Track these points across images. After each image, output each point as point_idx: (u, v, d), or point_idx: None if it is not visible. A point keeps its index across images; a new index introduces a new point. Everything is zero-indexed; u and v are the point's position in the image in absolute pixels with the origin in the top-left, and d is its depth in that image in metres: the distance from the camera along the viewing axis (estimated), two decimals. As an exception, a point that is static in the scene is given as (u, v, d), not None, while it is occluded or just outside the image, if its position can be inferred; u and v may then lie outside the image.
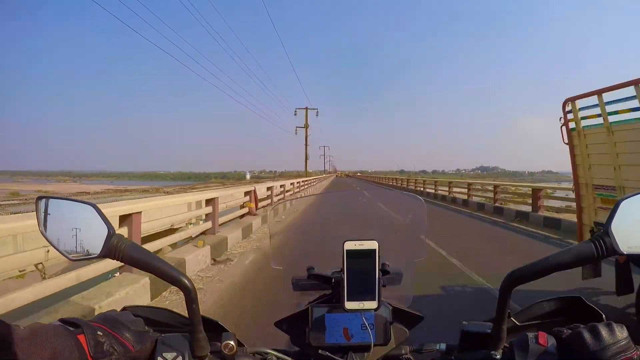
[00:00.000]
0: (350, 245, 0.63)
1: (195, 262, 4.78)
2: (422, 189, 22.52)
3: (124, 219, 3.78)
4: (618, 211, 0.49)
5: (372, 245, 0.64)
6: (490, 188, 13.83)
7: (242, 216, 8.42)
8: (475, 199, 15.07)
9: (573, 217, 6.96)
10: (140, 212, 3.92)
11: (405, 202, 1.04)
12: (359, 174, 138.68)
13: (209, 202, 6.29)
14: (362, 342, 0.68)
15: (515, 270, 0.54)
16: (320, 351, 0.68)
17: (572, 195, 5.51)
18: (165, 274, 0.53)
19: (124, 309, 0.60)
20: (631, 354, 0.47)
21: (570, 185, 4.57)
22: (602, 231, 0.49)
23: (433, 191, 19.96)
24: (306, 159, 39.49)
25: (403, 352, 0.69)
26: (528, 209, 10.30)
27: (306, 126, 38.55)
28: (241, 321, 3.26)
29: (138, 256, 0.52)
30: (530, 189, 10.71)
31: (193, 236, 6.07)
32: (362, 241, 0.64)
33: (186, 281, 0.53)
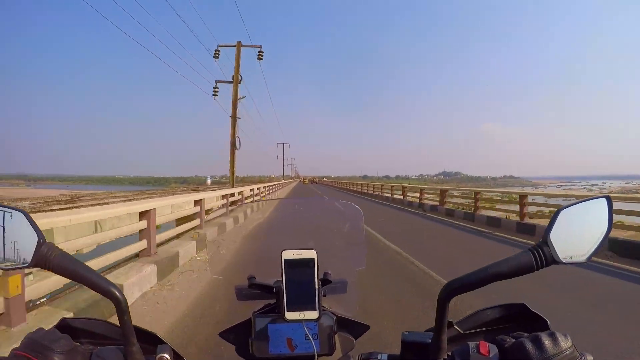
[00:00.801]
0: (288, 254, 0.63)
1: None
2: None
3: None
4: (557, 221, 0.49)
5: (311, 254, 0.63)
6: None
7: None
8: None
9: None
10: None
11: (343, 210, 1.05)
12: (324, 179, 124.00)
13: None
14: (306, 353, 0.67)
15: (453, 280, 0.53)
16: None
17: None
18: (95, 284, 0.52)
19: (63, 319, 0.58)
20: None
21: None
22: (541, 241, 0.49)
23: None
24: (233, 137, 16.06)
25: None
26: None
27: (237, 70, 16.65)
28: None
29: (68, 266, 0.51)
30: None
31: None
32: (300, 250, 0.63)
33: (116, 292, 0.52)
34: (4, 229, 0.50)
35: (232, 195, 11.88)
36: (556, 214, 0.50)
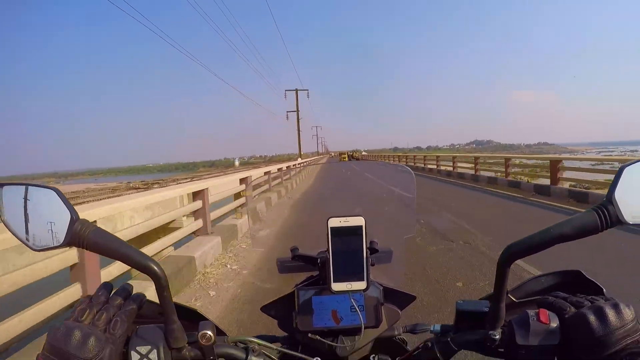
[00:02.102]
0: (334, 222, 0.58)
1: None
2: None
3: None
4: (621, 179, 0.45)
5: (359, 221, 0.58)
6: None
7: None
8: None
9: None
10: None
11: (393, 175, 1.01)
12: (364, 153, 79.24)
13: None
14: (352, 325, 0.63)
15: (512, 244, 0.49)
16: (310, 335, 0.64)
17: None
18: (133, 260, 0.49)
19: None
20: (638, 336, 0.44)
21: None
22: (605, 200, 0.45)
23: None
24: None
25: (396, 332, 0.68)
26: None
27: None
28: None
29: (103, 242, 0.48)
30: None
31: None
32: (347, 217, 0.58)
33: (155, 267, 0.49)
34: (36, 209, 0.48)
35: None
36: (620, 171, 0.46)
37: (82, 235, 0.47)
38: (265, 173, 10.98)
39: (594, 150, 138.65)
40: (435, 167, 20.07)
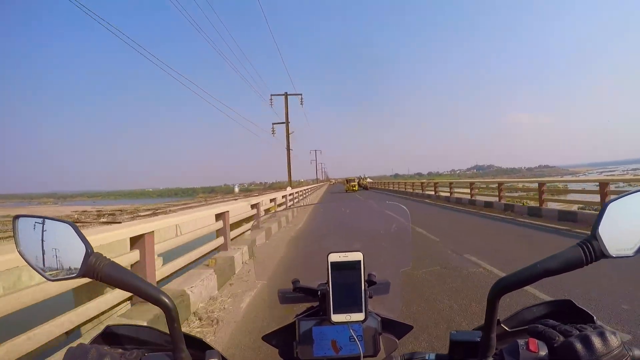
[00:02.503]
0: (334, 257, 0.62)
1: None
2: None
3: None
4: (605, 214, 0.48)
5: (357, 256, 0.62)
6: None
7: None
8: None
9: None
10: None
11: (389, 212, 1.05)
12: (369, 179, 56.85)
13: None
14: (351, 354, 0.66)
15: (502, 278, 0.53)
16: None
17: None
18: (145, 293, 0.52)
19: (108, 327, 0.58)
20: None
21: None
22: (590, 235, 0.48)
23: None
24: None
25: None
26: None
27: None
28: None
29: (117, 275, 0.51)
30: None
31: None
32: (346, 253, 0.62)
33: (166, 300, 0.52)
34: (52, 241, 0.51)
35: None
36: (604, 207, 0.49)
37: (96, 268, 0.50)
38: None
39: (595, 171, 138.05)
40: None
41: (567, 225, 7.78)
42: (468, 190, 15.68)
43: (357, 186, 39.05)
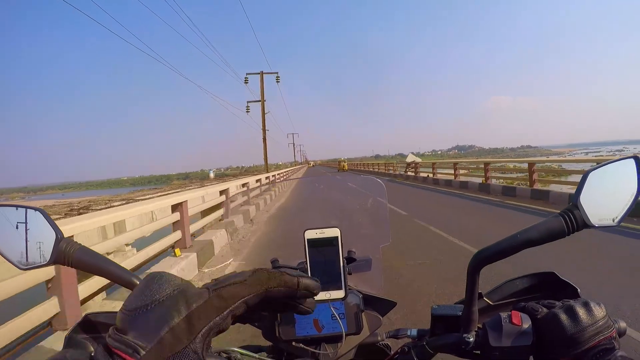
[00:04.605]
0: (311, 234, 0.60)
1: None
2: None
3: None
4: (586, 183, 0.47)
5: (334, 232, 0.60)
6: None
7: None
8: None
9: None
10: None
11: (365, 185, 1.02)
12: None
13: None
14: (333, 333, 0.67)
15: (482, 249, 0.51)
16: (293, 344, 0.67)
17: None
18: (117, 276, 0.52)
19: (86, 316, 0.53)
20: (609, 332, 0.45)
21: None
22: (572, 204, 0.47)
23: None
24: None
25: (379, 338, 0.71)
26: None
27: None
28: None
29: (88, 260, 0.52)
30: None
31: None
32: (323, 229, 0.60)
33: (137, 282, 0.52)
34: (23, 228, 0.50)
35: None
36: (585, 176, 0.47)
37: (67, 254, 0.50)
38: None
39: (580, 152, 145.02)
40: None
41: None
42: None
43: (346, 166, 50.60)
